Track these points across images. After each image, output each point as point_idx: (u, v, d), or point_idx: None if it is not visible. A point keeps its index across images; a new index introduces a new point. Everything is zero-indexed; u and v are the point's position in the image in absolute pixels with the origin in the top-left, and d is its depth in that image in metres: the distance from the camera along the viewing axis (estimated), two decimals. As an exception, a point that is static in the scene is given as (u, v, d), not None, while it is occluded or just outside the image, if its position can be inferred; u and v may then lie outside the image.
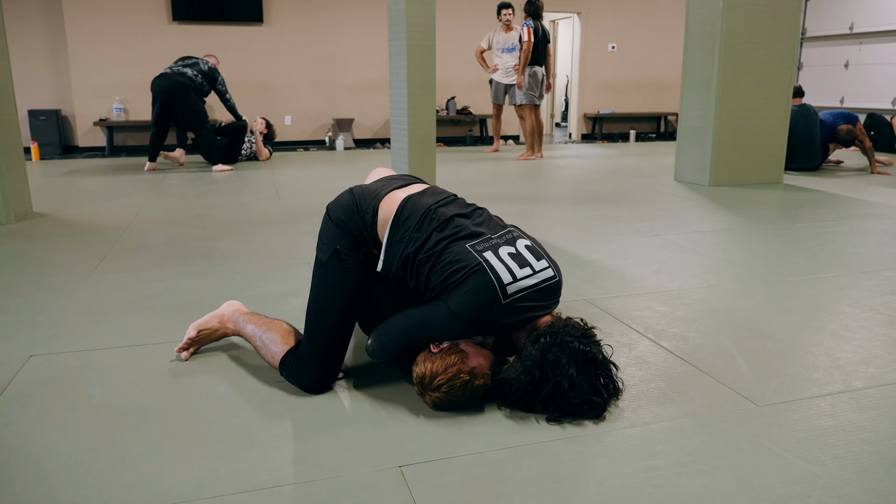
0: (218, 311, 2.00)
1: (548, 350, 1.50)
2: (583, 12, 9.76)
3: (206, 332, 1.96)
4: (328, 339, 1.69)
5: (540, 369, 1.50)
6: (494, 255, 1.59)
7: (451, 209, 1.72)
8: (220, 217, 3.98)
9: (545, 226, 3.72)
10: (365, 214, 1.71)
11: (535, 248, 1.67)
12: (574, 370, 1.50)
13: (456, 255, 1.58)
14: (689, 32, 5.16)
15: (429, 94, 5.00)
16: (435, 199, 1.74)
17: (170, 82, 5.82)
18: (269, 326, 1.85)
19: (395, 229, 1.68)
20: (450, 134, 9.42)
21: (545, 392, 1.51)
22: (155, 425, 1.55)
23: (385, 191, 1.76)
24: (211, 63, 6.25)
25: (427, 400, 1.59)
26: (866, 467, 1.36)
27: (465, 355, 1.57)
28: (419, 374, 1.58)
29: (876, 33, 8.86)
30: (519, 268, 1.58)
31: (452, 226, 1.65)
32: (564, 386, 1.50)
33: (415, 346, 1.63)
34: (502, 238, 1.66)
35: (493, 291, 1.53)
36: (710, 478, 1.33)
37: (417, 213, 1.68)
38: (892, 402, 1.64)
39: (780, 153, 5.26)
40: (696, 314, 2.28)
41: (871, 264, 2.88)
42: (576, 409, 1.52)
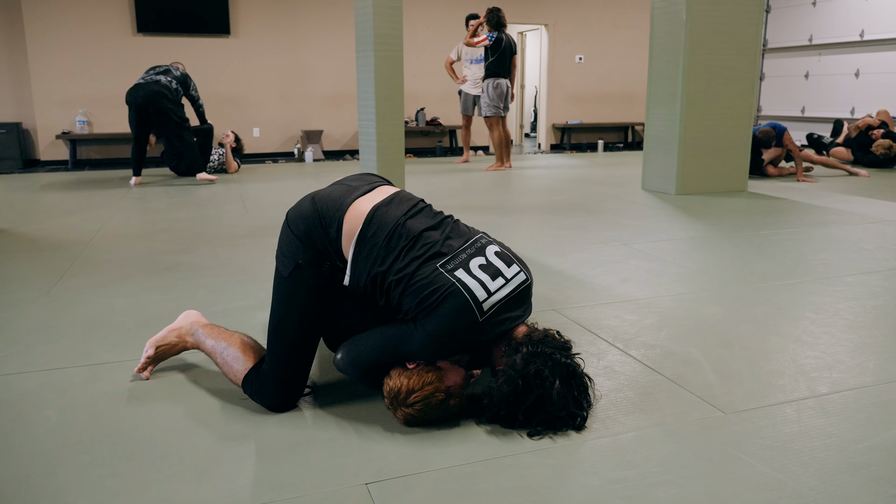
0: (175, 324, 1.93)
1: (530, 361, 1.48)
2: (550, 24, 9.87)
3: (165, 347, 1.89)
4: (290, 358, 1.65)
5: (523, 379, 1.47)
6: (466, 271, 1.55)
7: (419, 222, 1.65)
8: (185, 231, 3.91)
9: (514, 236, 3.73)
10: (329, 228, 1.62)
11: (504, 253, 1.64)
12: (558, 382, 1.48)
13: (428, 277, 1.53)
14: (654, 44, 5.25)
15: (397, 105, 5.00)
16: (402, 209, 1.65)
17: (145, 92, 5.69)
18: (229, 341, 1.78)
19: (362, 245, 1.60)
20: (419, 145, 9.42)
21: (528, 403, 1.48)
22: (113, 447, 1.50)
23: (349, 200, 1.65)
24: (181, 69, 6.17)
25: (398, 415, 1.55)
26: (832, 473, 1.37)
27: (442, 374, 1.54)
28: (393, 388, 1.53)
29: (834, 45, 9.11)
30: (491, 279, 1.55)
31: (422, 243, 1.59)
32: (553, 396, 1.48)
33: (387, 363, 1.59)
34: (472, 247, 1.62)
35: (469, 312, 1.50)
36: (679, 487, 1.33)
37: (385, 229, 1.60)
38: (855, 407, 1.66)
39: (744, 162, 5.36)
40: (663, 322, 2.29)
41: (833, 270, 2.93)
42: (559, 422, 1.51)
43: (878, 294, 2.59)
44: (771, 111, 10.18)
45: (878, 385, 1.78)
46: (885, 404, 1.67)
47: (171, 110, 5.73)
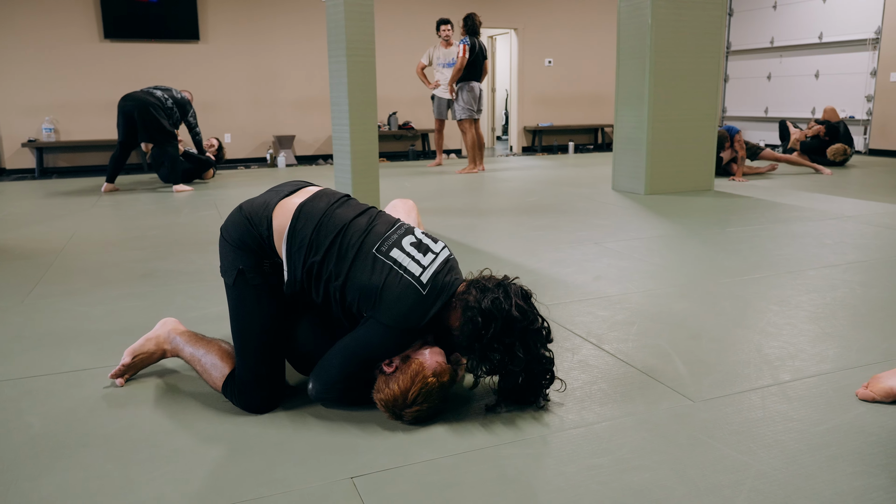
0: (153, 332, 1.94)
1: (481, 298, 1.55)
2: (519, 28, 9.98)
3: (143, 356, 1.89)
4: (259, 360, 1.67)
5: (481, 314, 1.53)
6: (400, 249, 1.62)
7: (346, 211, 1.70)
8: (159, 238, 3.90)
9: (488, 238, 3.79)
10: (259, 227, 1.66)
11: (429, 234, 1.74)
12: (516, 300, 1.56)
13: (366, 265, 1.59)
14: (621, 47, 5.36)
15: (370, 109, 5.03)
16: (328, 201, 1.72)
17: (135, 101, 5.66)
18: (207, 348, 1.80)
19: (293, 239, 1.64)
20: (392, 149, 9.46)
21: (496, 331, 1.53)
22: (98, 451, 1.52)
23: (275, 200, 1.71)
24: (186, 96, 6.14)
25: (406, 418, 1.57)
26: (793, 454, 1.44)
27: (422, 361, 1.57)
28: (388, 397, 1.55)
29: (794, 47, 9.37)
30: (423, 255, 1.63)
31: (351, 231, 1.64)
32: (514, 315, 1.54)
33: (358, 372, 1.61)
34: (400, 230, 1.69)
35: (412, 290, 1.57)
36: (651, 472, 1.39)
37: (314, 220, 1.65)
38: (816, 393, 1.74)
39: (710, 161, 5.49)
40: (634, 318, 2.37)
41: (796, 265, 3.04)
42: (535, 336, 1.57)
43: (837, 286, 2.70)
44: (735, 112, 10.42)
45: (837, 372, 1.87)
46: (843, 389, 1.75)
47: (157, 118, 5.68)
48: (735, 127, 6.33)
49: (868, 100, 8.51)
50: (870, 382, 1.69)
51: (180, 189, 5.85)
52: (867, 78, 8.50)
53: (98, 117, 7.99)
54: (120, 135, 5.79)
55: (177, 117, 5.95)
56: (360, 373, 1.61)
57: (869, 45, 8.43)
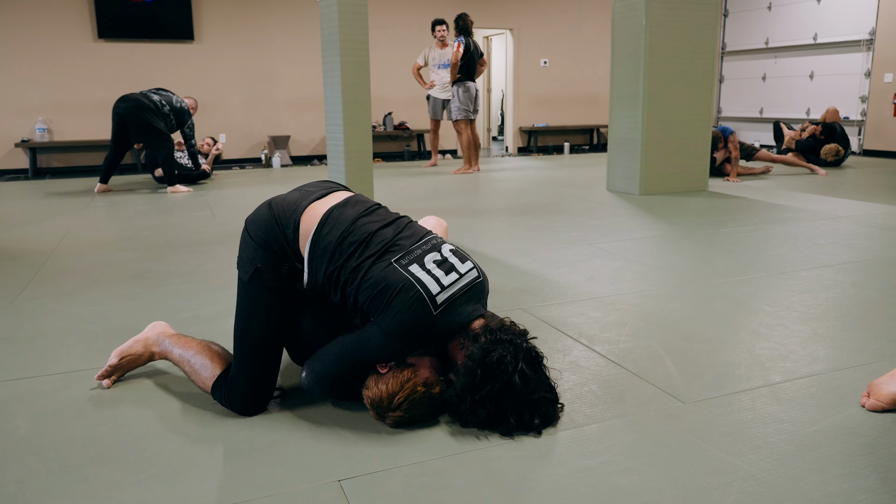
0: (141, 334, 1.93)
1: (489, 350, 1.48)
2: (515, 29, 9.98)
3: (130, 357, 1.88)
4: (257, 362, 1.66)
5: (482, 368, 1.47)
6: (420, 266, 1.58)
7: (373, 221, 1.67)
8: (152, 238, 3.88)
9: (483, 238, 3.78)
10: (286, 229, 1.65)
11: (458, 251, 1.68)
12: (523, 365, 1.49)
13: (381, 273, 1.55)
14: (616, 48, 5.36)
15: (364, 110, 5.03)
16: (357, 209, 1.69)
17: (129, 103, 5.63)
18: (197, 349, 1.79)
19: (317, 244, 1.63)
20: (388, 149, 9.45)
21: (491, 391, 1.47)
22: (85, 453, 1.50)
23: (305, 203, 1.69)
24: (186, 104, 6.09)
25: (388, 421, 1.56)
26: (783, 455, 1.44)
27: (416, 368, 1.56)
28: (374, 396, 1.54)
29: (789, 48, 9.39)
30: (445, 274, 1.58)
31: (376, 242, 1.61)
32: (516, 382, 1.47)
33: (351, 372, 1.61)
34: (427, 244, 1.65)
35: (423, 305, 1.53)
36: (640, 474, 1.38)
37: (339, 227, 1.63)
38: (806, 394, 1.74)
39: (705, 162, 5.50)
40: (626, 318, 2.36)
41: (788, 265, 3.04)
42: (532, 407, 1.51)
43: (829, 287, 2.70)
44: (731, 112, 10.44)
45: (828, 373, 1.87)
46: (834, 390, 1.75)
47: (148, 120, 5.64)
48: (729, 128, 6.34)
49: (862, 100, 8.53)
50: (870, 390, 1.66)
51: (175, 190, 5.81)
52: (861, 79, 8.53)
53: (92, 117, 7.97)
54: (113, 136, 5.77)
55: (173, 124, 5.91)
56: (353, 373, 1.61)
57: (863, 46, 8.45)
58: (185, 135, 6.12)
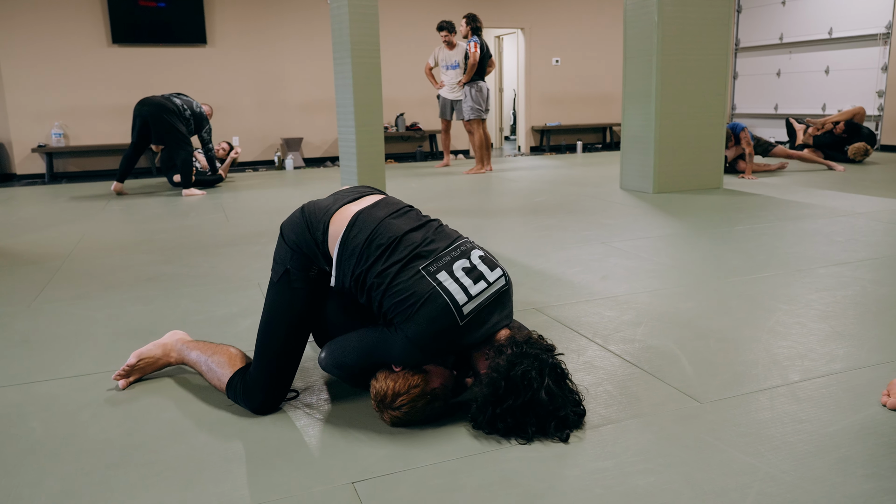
0: (161, 340, 1.96)
1: (515, 362, 1.46)
2: (526, 28, 9.95)
3: (148, 360, 1.91)
4: (275, 361, 1.68)
5: (506, 381, 1.45)
6: (448, 274, 1.55)
7: (402, 223, 1.65)
8: (166, 241, 3.91)
9: (496, 238, 3.77)
10: (315, 232, 1.66)
11: (488, 257, 1.65)
12: (549, 381, 1.47)
13: (408, 280, 1.53)
14: (628, 46, 5.33)
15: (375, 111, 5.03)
16: (387, 211, 1.68)
17: (153, 106, 5.69)
18: (214, 351, 1.82)
19: (345, 245, 1.62)
20: (400, 150, 9.45)
21: (511, 405, 1.46)
22: (100, 455, 1.51)
23: (336, 206, 1.70)
24: (205, 110, 6.15)
25: (385, 417, 1.58)
26: (802, 456, 1.42)
27: (428, 375, 1.56)
28: (380, 390, 1.55)
29: (804, 43, 9.28)
30: (473, 283, 1.55)
31: (404, 245, 1.59)
32: (542, 398, 1.46)
33: (369, 368, 1.62)
34: (456, 251, 1.62)
35: (449, 315, 1.51)
36: (657, 475, 1.37)
37: (367, 229, 1.62)
38: (825, 393, 1.71)
39: (719, 159, 5.45)
40: (641, 318, 2.34)
41: (805, 263, 3.00)
42: (560, 422, 1.49)
43: (847, 284, 2.66)
44: (745, 109, 10.34)
45: (847, 372, 1.84)
46: (853, 389, 1.72)
47: (171, 122, 5.70)
48: (741, 123, 6.27)
49: (879, 95, 8.42)
50: (890, 389, 1.63)
51: (190, 193, 5.84)
52: (878, 73, 8.41)
53: (107, 122, 8.03)
54: (133, 136, 5.82)
55: (192, 129, 5.97)
56: (370, 368, 1.62)
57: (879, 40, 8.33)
58: (202, 139, 6.17)
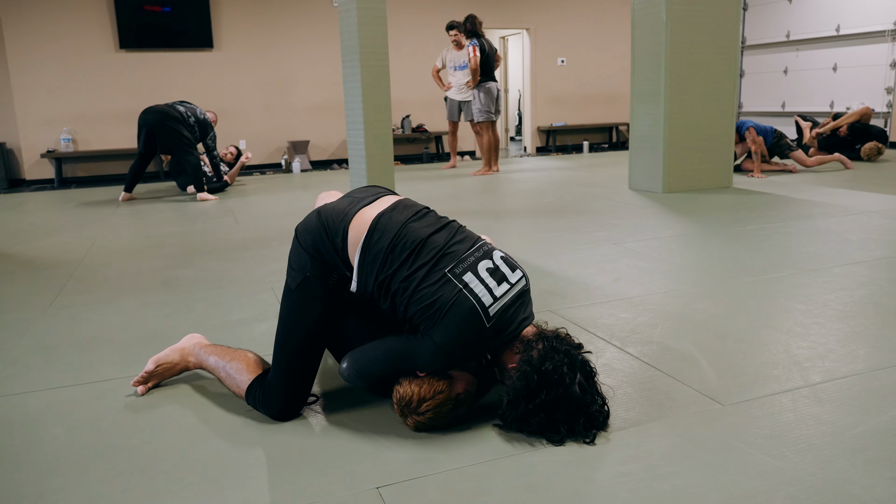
0: (178, 344, 1.96)
1: (547, 357, 1.47)
2: (532, 28, 9.95)
3: (166, 365, 1.91)
4: (295, 367, 1.67)
5: (539, 374, 1.46)
6: (474, 274, 1.55)
7: (423, 226, 1.64)
8: (177, 246, 3.92)
9: (506, 239, 3.77)
10: (335, 238, 1.63)
11: (508, 258, 1.66)
12: (581, 376, 1.49)
13: (434, 285, 1.53)
14: (636, 45, 5.31)
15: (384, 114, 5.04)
16: (406, 214, 1.67)
17: (156, 114, 5.71)
18: (232, 356, 1.81)
19: (367, 251, 1.60)
20: (406, 152, 9.46)
21: (543, 400, 1.46)
22: (123, 462, 1.51)
23: (354, 210, 1.67)
24: (209, 116, 6.17)
25: (408, 422, 1.57)
26: (828, 458, 1.41)
27: (452, 380, 1.56)
28: (404, 395, 1.55)
29: (811, 40, 9.25)
30: (497, 284, 1.55)
31: (428, 249, 1.58)
32: (575, 392, 1.46)
33: (394, 376, 1.61)
34: (479, 251, 1.62)
35: (476, 318, 1.51)
36: (682, 479, 1.36)
37: (390, 234, 1.60)
38: (848, 395, 1.70)
39: (728, 158, 5.43)
40: (657, 319, 2.33)
41: (819, 262, 2.99)
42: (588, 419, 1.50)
43: (864, 284, 2.64)
44: (752, 107, 10.31)
45: (869, 372, 1.83)
46: (877, 390, 1.71)
47: (176, 129, 5.71)
48: (747, 121, 6.22)
49: (888, 92, 8.38)
50: None
51: (204, 198, 5.83)
52: (887, 70, 8.37)
53: (116, 127, 8.06)
54: (140, 146, 5.83)
55: (197, 136, 5.97)
56: (396, 376, 1.61)
57: (888, 36, 8.30)
58: (207, 146, 6.17)
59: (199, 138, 6.02)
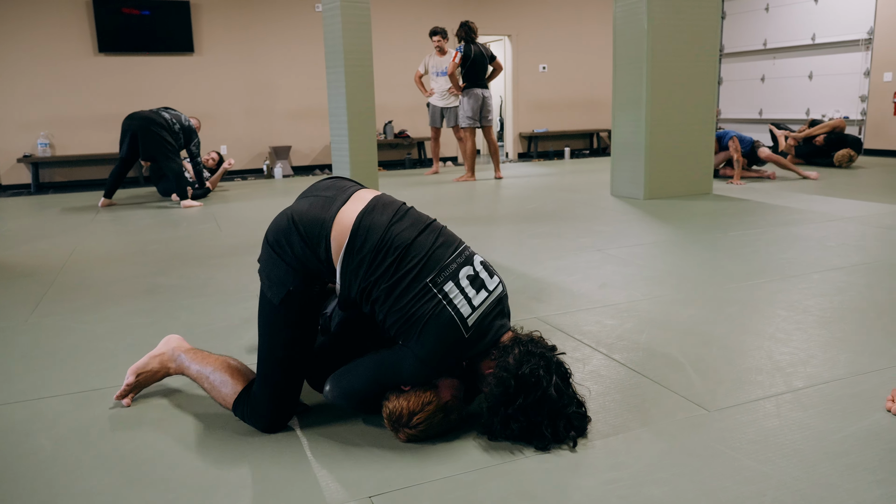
0: (156, 350, 1.91)
1: (523, 361, 1.49)
2: (513, 35, 10.01)
3: (147, 374, 1.86)
4: (281, 381, 1.64)
5: (516, 379, 1.47)
6: (455, 283, 1.55)
7: (408, 229, 1.60)
8: (160, 252, 3.88)
9: (490, 246, 3.78)
10: (317, 248, 1.57)
11: (487, 263, 1.67)
12: (557, 378, 1.51)
13: (414, 297, 1.52)
14: (618, 53, 5.37)
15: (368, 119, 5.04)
16: (388, 215, 1.62)
17: (141, 120, 5.65)
18: (215, 365, 1.77)
19: (350, 257, 1.57)
20: (389, 157, 9.46)
21: (522, 404, 1.48)
22: (112, 474, 1.50)
23: (331, 214, 1.60)
24: (193, 123, 6.12)
25: (400, 436, 1.57)
26: (813, 462, 1.44)
27: (438, 390, 1.57)
28: (394, 411, 1.55)
29: (787, 48, 9.41)
30: (476, 293, 1.57)
31: (412, 256, 1.56)
32: (552, 394, 1.48)
33: (379, 392, 1.61)
34: (461, 256, 1.61)
35: (455, 329, 1.52)
36: (671, 485, 1.38)
37: (372, 239, 1.56)
38: (831, 399, 1.74)
39: (709, 165, 5.51)
40: (643, 325, 2.36)
41: (799, 268, 3.04)
42: (567, 420, 1.52)
43: (843, 289, 2.70)
44: (730, 114, 10.45)
45: (851, 377, 1.87)
46: (858, 395, 1.75)
47: (161, 135, 5.65)
48: (730, 132, 6.33)
49: (862, 100, 8.55)
50: (895, 395, 1.67)
51: (188, 205, 5.76)
52: (861, 78, 8.54)
53: (94, 131, 7.97)
54: (122, 151, 5.76)
55: (181, 143, 5.92)
56: (381, 391, 1.60)
57: (862, 45, 8.47)
58: (191, 153, 6.12)
59: (184, 145, 5.97)
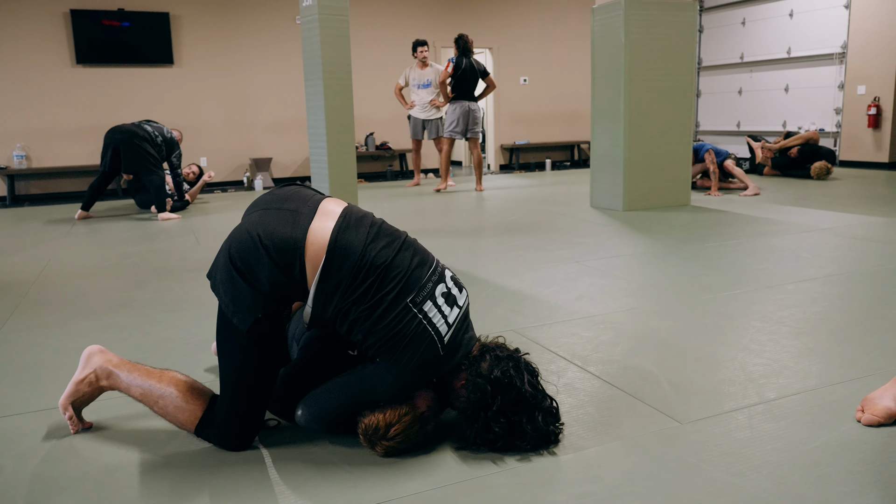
0: (79, 373, 1.73)
1: (494, 365, 1.54)
2: (494, 47, 10.07)
3: (81, 400, 1.74)
4: (249, 403, 1.60)
5: (491, 384, 1.51)
6: (433, 303, 1.55)
7: (383, 248, 1.55)
8: (136, 266, 3.83)
9: (470, 257, 3.78)
10: (291, 271, 1.51)
11: (455, 277, 1.68)
12: (528, 376, 1.56)
13: (395, 318, 1.50)
14: (595, 67, 5.42)
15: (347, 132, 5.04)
16: (362, 233, 1.56)
17: (124, 133, 5.59)
18: (160, 381, 1.66)
19: (327, 280, 1.51)
20: (370, 169, 9.45)
21: (501, 405, 1.50)
22: (76, 495, 1.47)
23: (300, 231, 1.52)
24: (175, 135, 6.08)
25: (378, 450, 1.55)
26: (784, 474, 1.44)
27: (413, 402, 1.57)
28: (370, 425, 1.53)
29: (764, 62, 9.55)
30: (450, 309, 1.58)
31: (391, 277, 1.52)
32: (527, 390, 1.53)
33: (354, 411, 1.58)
34: (435, 273, 1.61)
35: (433, 349, 1.53)
36: (643, 498, 1.37)
37: (350, 260, 1.51)
38: (802, 410, 1.74)
39: (686, 177, 5.56)
40: (619, 338, 2.36)
41: (774, 279, 3.07)
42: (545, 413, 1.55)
43: (817, 300, 2.72)
44: (708, 126, 10.58)
45: (822, 388, 1.88)
46: (829, 406, 1.76)
47: (143, 148, 5.60)
48: (706, 144, 6.42)
49: (837, 112, 8.69)
50: (864, 405, 1.68)
51: (167, 217, 5.71)
52: (835, 91, 8.69)
53: (71, 144, 7.89)
54: (103, 165, 5.70)
55: (163, 155, 5.89)
56: (355, 412, 1.58)
57: (836, 59, 8.62)
58: (171, 165, 6.08)
59: (165, 157, 5.93)
